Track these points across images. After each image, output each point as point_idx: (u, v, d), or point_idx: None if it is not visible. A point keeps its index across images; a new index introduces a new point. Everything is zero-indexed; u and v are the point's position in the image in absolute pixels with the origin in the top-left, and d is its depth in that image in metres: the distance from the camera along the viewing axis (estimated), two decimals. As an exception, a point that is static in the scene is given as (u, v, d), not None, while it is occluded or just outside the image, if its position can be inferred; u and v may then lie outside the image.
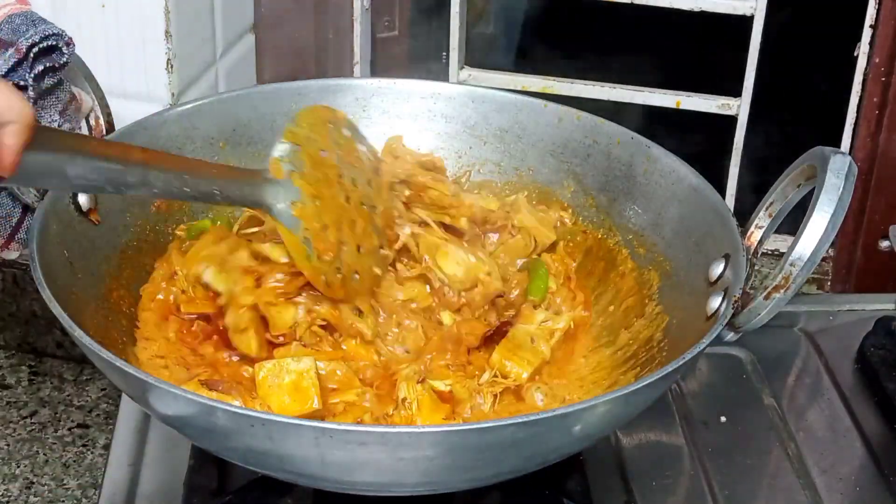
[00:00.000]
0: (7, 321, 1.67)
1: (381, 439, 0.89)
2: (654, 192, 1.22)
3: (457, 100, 1.32)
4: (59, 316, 0.96)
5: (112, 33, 1.44)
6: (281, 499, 1.10)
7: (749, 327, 1.05)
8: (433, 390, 1.07)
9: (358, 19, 1.64)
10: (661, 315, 1.15)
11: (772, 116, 1.71)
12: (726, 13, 1.53)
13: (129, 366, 0.93)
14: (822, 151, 1.04)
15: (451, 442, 0.90)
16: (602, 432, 1.03)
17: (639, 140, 1.24)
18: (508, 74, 1.62)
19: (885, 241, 1.57)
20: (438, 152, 1.31)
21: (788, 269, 1.01)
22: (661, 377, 0.96)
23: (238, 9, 1.60)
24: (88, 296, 1.08)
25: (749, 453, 1.19)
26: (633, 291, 1.19)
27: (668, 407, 1.24)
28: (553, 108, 1.29)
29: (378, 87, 1.32)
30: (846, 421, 1.24)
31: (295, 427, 0.90)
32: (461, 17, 1.61)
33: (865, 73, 1.53)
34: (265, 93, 1.30)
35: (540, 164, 1.30)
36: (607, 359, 1.16)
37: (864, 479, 1.18)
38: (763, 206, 1.11)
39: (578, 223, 1.26)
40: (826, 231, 1.00)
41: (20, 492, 1.47)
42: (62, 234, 1.08)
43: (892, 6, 1.48)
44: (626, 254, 1.22)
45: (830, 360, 1.32)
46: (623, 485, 1.15)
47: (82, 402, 1.60)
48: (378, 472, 0.93)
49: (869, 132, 1.54)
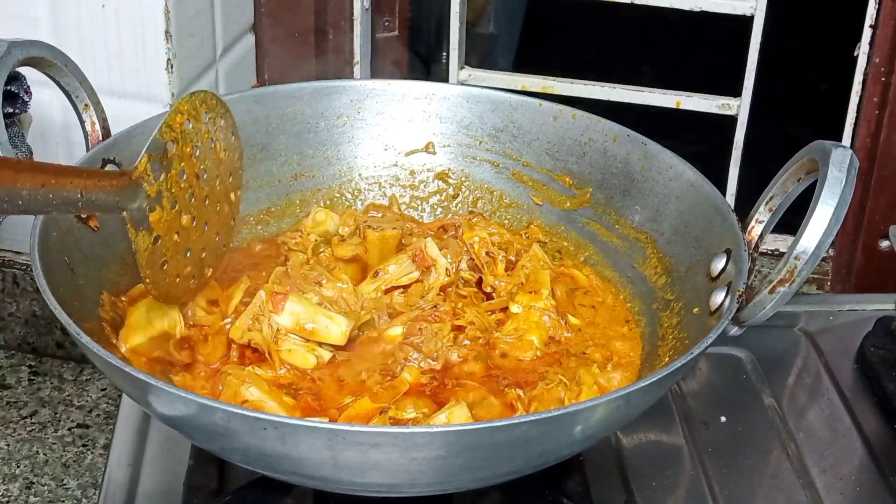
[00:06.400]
0: (7, 321, 1.67)
1: (394, 440, 0.89)
2: (651, 189, 1.22)
3: (451, 100, 1.32)
4: (64, 322, 0.97)
5: (112, 33, 1.44)
6: (281, 499, 1.10)
7: (754, 322, 1.05)
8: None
9: (358, 19, 1.64)
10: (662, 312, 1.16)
11: (772, 116, 1.71)
12: (726, 13, 1.54)
13: (129, 366, 0.94)
14: (823, 145, 1.04)
15: (463, 441, 0.91)
16: (607, 429, 1.03)
17: (635, 137, 1.24)
18: (508, 74, 1.62)
19: (885, 241, 1.57)
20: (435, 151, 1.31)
21: (793, 262, 1.00)
22: (669, 373, 0.96)
23: (238, 9, 1.60)
24: (90, 300, 1.09)
25: (749, 453, 1.19)
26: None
27: (668, 407, 1.24)
28: (548, 106, 1.29)
29: (373, 89, 1.32)
30: (846, 421, 1.24)
31: (307, 429, 0.90)
32: (461, 17, 1.61)
33: (865, 73, 1.53)
34: (259, 96, 1.30)
35: (536, 162, 1.30)
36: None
37: (864, 479, 1.18)
38: (763, 201, 1.10)
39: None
40: (829, 224, 1.00)
41: (20, 492, 1.47)
42: (62, 240, 1.08)
43: (892, 6, 1.48)
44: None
45: (830, 360, 1.32)
46: (623, 485, 1.15)
47: (82, 402, 1.60)
48: (390, 473, 0.93)
49: (869, 132, 1.54)
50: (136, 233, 1.01)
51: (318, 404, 1.07)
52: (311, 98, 1.30)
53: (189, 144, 1.06)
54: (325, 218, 1.26)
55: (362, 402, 1.06)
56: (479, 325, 1.15)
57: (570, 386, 1.08)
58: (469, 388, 1.09)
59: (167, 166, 1.03)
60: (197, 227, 1.09)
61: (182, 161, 1.05)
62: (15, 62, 1.10)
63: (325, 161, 1.32)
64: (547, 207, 1.30)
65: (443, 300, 1.16)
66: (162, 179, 1.03)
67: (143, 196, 1.01)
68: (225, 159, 1.12)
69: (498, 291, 1.20)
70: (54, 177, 0.93)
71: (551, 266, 1.23)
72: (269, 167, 1.30)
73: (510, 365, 1.13)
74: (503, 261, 1.22)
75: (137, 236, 1.01)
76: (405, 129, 1.33)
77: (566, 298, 1.22)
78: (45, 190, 0.91)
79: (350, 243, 1.23)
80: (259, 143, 1.28)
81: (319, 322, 1.10)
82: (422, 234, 1.25)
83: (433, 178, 1.34)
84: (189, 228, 1.07)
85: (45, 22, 1.45)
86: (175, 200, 1.05)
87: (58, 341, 1.67)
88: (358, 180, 1.33)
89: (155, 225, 1.03)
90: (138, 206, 1.01)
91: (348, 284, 1.15)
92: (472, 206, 1.33)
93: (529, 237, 1.28)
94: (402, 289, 1.18)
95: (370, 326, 1.15)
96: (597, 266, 1.25)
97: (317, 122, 1.31)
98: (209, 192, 1.10)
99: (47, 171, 0.94)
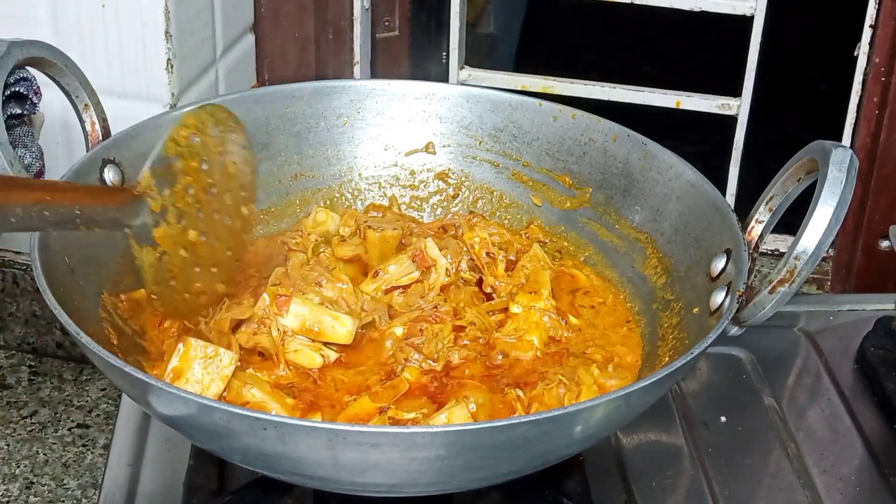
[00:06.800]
0: (7, 321, 1.67)
1: (394, 440, 0.89)
2: (651, 189, 1.22)
3: (451, 100, 1.32)
4: (64, 322, 0.97)
5: (112, 33, 1.44)
6: (281, 499, 1.10)
7: (754, 322, 1.05)
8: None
9: (358, 19, 1.64)
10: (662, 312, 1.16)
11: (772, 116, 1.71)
12: (726, 13, 1.53)
13: (129, 366, 0.94)
14: (823, 145, 1.04)
15: (463, 441, 0.91)
16: (607, 429, 1.03)
17: (635, 137, 1.24)
18: (508, 74, 1.62)
19: (885, 241, 1.57)
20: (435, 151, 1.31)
21: (793, 262, 1.00)
22: (669, 373, 0.96)
23: (238, 9, 1.59)
24: (90, 300, 1.09)
25: (749, 453, 1.19)
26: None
27: (668, 407, 1.24)
28: (548, 106, 1.29)
29: (372, 89, 1.32)
30: (846, 421, 1.24)
31: (307, 429, 0.90)
32: (461, 17, 1.61)
33: (865, 73, 1.53)
34: (259, 96, 1.30)
35: (536, 162, 1.30)
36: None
37: (864, 479, 1.18)
38: (763, 201, 1.10)
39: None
40: (830, 224, 1.00)
41: (20, 492, 1.47)
42: (62, 241, 1.08)
43: (892, 6, 1.48)
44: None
45: (830, 360, 1.32)
46: (623, 485, 1.15)
47: (82, 402, 1.60)
48: (390, 473, 0.93)
49: (869, 132, 1.54)
50: (140, 249, 1.00)
51: (318, 404, 1.07)
52: (311, 98, 1.30)
53: (196, 158, 1.04)
54: (325, 218, 1.26)
55: (362, 402, 1.06)
56: (480, 326, 1.15)
57: (570, 386, 1.08)
58: (469, 388, 1.09)
59: (172, 181, 1.02)
60: (206, 242, 1.07)
61: (189, 175, 1.04)
62: (15, 62, 1.10)
63: (325, 161, 1.32)
64: (547, 207, 1.30)
65: (443, 300, 1.16)
66: (167, 194, 1.01)
67: (147, 212, 0.99)
68: (236, 173, 1.10)
69: (498, 292, 1.20)
70: (50, 194, 0.91)
71: (551, 266, 1.23)
72: (269, 167, 1.30)
73: (510, 365, 1.13)
74: (503, 261, 1.22)
75: (142, 252, 1.00)
76: (405, 129, 1.33)
77: (566, 299, 1.22)
78: (39, 207, 0.90)
79: (350, 243, 1.23)
80: (259, 143, 1.28)
81: (325, 322, 1.10)
82: (422, 234, 1.25)
83: (433, 178, 1.34)
84: (197, 244, 1.05)
85: (45, 22, 1.44)
86: (181, 215, 1.03)
87: (58, 341, 1.66)
88: (358, 180, 1.33)
89: (160, 241, 1.01)
90: (142, 223, 0.99)
91: (348, 284, 1.15)
92: (472, 207, 1.33)
93: (529, 237, 1.28)
94: (402, 289, 1.18)
95: (371, 327, 1.14)
96: (597, 266, 1.25)
97: (317, 122, 1.31)
98: (219, 206, 1.08)
99: (43, 188, 0.93)
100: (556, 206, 1.29)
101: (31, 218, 0.90)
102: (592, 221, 1.27)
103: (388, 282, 1.18)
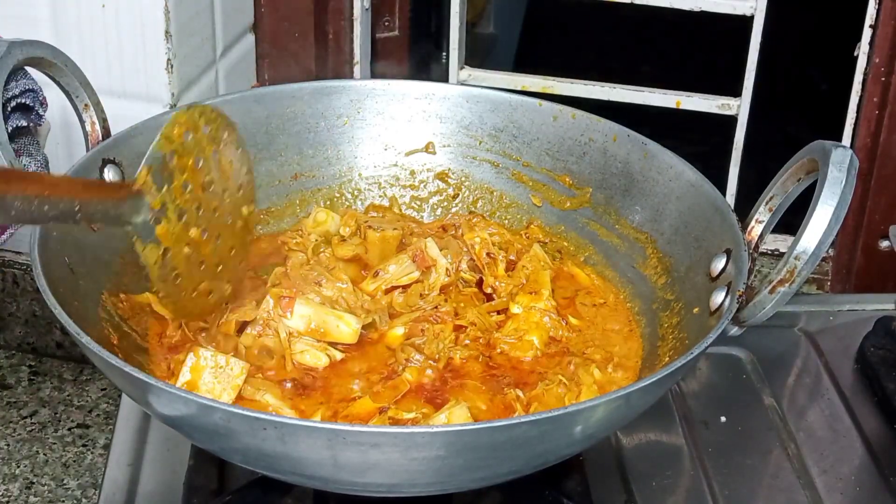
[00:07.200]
0: (7, 321, 1.67)
1: (394, 440, 0.89)
2: (651, 189, 1.22)
3: (451, 100, 1.32)
4: (64, 322, 0.97)
5: (112, 33, 1.44)
6: (281, 499, 1.10)
7: (754, 322, 1.05)
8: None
9: (358, 19, 1.65)
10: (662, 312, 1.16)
11: (772, 116, 1.71)
12: (726, 13, 1.54)
13: (129, 366, 0.94)
14: (823, 145, 1.04)
15: (463, 441, 0.91)
16: (607, 429, 1.03)
17: (635, 137, 1.24)
18: (508, 74, 1.62)
19: (885, 241, 1.57)
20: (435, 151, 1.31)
21: (793, 262, 1.00)
22: (669, 373, 0.96)
23: (238, 9, 1.60)
24: (90, 300, 1.09)
25: (749, 453, 1.19)
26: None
27: (668, 407, 1.24)
28: (548, 106, 1.29)
29: (372, 89, 1.32)
30: (846, 421, 1.24)
31: (307, 429, 0.90)
32: (461, 17, 1.61)
33: (865, 73, 1.53)
34: (259, 96, 1.30)
35: (536, 162, 1.30)
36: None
37: (864, 479, 1.18)
38: (763, 201, 1.10)
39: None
40: (830, 224, 1.00)
41: (20, 492, 1.47)
42: (62, 241, 1.08)
43: (892, 6, 1.48)
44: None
45: (830, 360, 1.32)
46: (623, 485, 1.15)
47: (82, 402, 1.60)
48: (390, 473, 0.93)
49: (869, 132, 1.54)
50: (143, 246, 1.00)
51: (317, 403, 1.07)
52: (311, 98, 1.30)
53: (190, 156, 1.05)
54: (325, 218, 1.26)
55: (362, 402, 1.06)
56: (481, 326, 1.15)
57: (570, 386, 1.08)
58: (469, 389, 1.09)
59: (169, 178, 1.02)
60: (209, 239, 1.06)
61: (185, 172, 1.04)
62: (15, 62, 1.10)
63: (325, 161, 1.32)
64: (547, 207, 1.30)
65: (444, 301, 1.16)
66: (165, 190, 1.01)
67: (147, 208, 1.00)
68: (231, 172, 1.10)
69: (498, 292, 1.20)
70: (49, 188, 0.92)
71: (552, 266, 1.23)
72: (269, 167, 1.30)
73: (510, 365, 1.13)
74: (503, 261, 1.22)
75: (145, 249, 1.00)
76: (405, 129, 1.33)
77: (567, 298, 1.22)
78: (39, 201, 0.90)
79: (350, 243, 1.23)
80: (259, 143, 1.28)
81: (330, 322, 1.10)
82: (422, 234, 1.25)
83: (433, 178, 1.34)
84: (200, 241, 1.05)
85: (45, 22, 1.45)
86: (181, 212, 1.03)
87: (58, 341, 1.67)
88: (358, 180, 1.33)
89: (162, 237, 1.01)
90: (143, 220, 1.00)
91: (348, 284, 1.15)
92: (472, 207, 1.33)
93: (530, 237, 1.28)
94: (402, 289, 1.18)
95: (371, 327, 1.15)
96: (597, 266, 1.25)
97: (317, 122, 1.31)
98: (218, 204, 1.08)
99: (42, 181, 0.93)
100: (556, 206, 1.29)
101: (30, 211, 0.90)
102: (592, 221, 1.27)
103: (389, 282, 1.18)
